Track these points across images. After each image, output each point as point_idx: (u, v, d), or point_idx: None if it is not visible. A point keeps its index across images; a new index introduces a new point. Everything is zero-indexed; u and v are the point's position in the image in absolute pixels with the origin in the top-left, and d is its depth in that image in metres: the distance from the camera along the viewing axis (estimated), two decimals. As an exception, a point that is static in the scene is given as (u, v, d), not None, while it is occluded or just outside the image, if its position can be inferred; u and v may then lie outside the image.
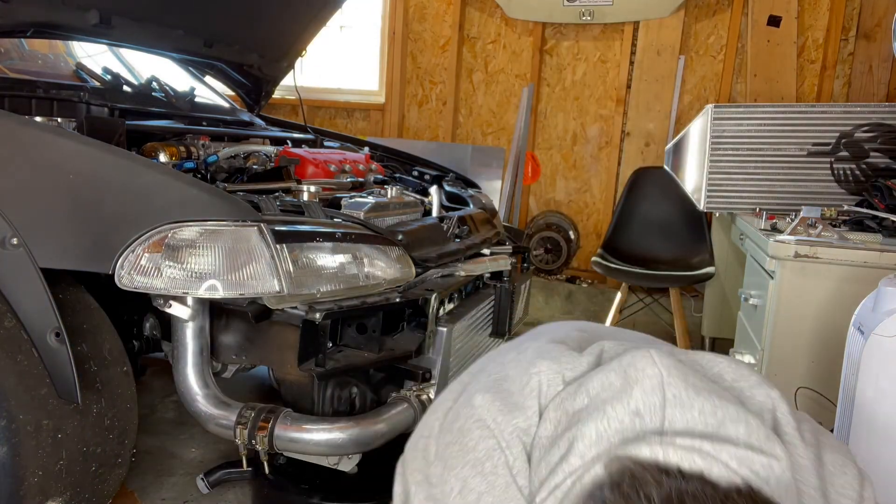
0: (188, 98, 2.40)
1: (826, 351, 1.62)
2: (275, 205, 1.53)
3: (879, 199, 2.03)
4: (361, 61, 4.25)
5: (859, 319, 1.18)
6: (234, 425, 1.44)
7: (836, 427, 1.24)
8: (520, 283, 2.17)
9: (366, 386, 1.68)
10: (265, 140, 2.46)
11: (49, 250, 1.30)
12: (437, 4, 3.99)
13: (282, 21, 2.58)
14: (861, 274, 1.58)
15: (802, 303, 1.65)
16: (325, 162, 2.18)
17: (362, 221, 1.65)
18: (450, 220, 2.04)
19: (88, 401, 1.36)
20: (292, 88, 2.83)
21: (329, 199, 1.88)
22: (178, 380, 1.47)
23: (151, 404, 2.50)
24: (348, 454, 1.56)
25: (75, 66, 2.40)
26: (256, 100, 2.90)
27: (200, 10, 2.25)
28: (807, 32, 3.42)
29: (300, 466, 1.74)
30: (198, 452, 2.17)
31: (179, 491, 1.95)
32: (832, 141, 2.25)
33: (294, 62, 2.83)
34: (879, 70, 3.30)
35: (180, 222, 1.33)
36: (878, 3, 3.27)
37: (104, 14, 1.94)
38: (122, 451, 1.47)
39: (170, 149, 1.91)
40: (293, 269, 1.39)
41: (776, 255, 1.65)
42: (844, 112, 2.26)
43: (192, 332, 1.44)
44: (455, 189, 2.60)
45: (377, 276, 1.56)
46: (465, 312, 1.79)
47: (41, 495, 1.29)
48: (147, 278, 1.31)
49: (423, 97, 4.12)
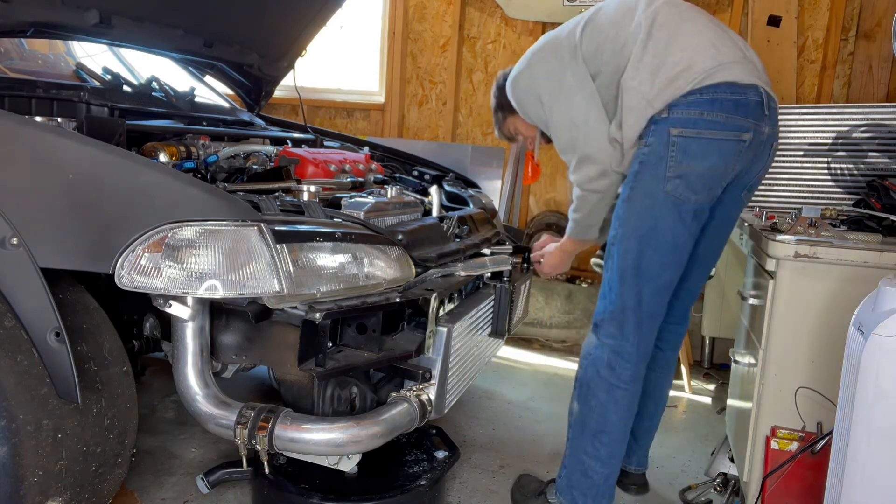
0: (188, 98, 2.40)
1: (826, 351, 1.62)
2: (275, 205, 1.53)
3: (876, 199, 2.03)
4: (361, 61, 4.25)
5: (859, 319, 1.18)
6: (234, 425, 1.44)
7: (836, 427, 1.24)
8: (520, 283, 2.17)
9: (366, 386, 1.68)
10: (265, 140, 2.46)
11: (49, 250, 1.30)
12: (437, 4, 3.98)
13: (282, 21, 2.58)
14: (861, 274, 1.58)
15: (802, 303, 1.65)
16: (325, 162, 2.18)
17: (362, 221, 1.65)
18: (450, 220, 2.04)
19: (88, 401, 1.36)
20: (292, 88, 2.83)
21: (329, 199, 1.89)
22: (178, 380, 1.47)
23: (151, 404, 2.50)
24: (348, 454, 1.56)
25: (75, 66, 2.40)
26: (256, 100, 2.90)
27: (200, 10, 2.25)
28: (807, 32, 3.42)
29: (300, 466, 1.75)
30: (198, 452, 2.17)
31: (179, 491, 1.95)
32: (830, 141, 2.26)
33: (294, 62, 2.83)
34: (879, 70, 3.30)
35: (180, 222, 1.33)
36: (878, 3, 3.27)
37: (104, 14, 1.94)
38: (122, 450, 1.47)
39: (170, 149, 1.91)
40: (293, 269, 1.39)
41: (776, 255, 1.66)
42: (843, 112, 2.26)
43: (192, 332, 1.44)
44: (455, 189, 2.60)
45: (377, 276, 1.56)
46: (465, 312, 1.79)
47: (41, 495, 1.29)
48: (147, 278, 1.31)
49: (423, 97, 4.12)
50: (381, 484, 1.77)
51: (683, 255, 1.68)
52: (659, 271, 1.66)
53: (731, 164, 1.61)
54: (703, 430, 2.61)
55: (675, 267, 1.68)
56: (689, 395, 2.97)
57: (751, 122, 1.60)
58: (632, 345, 1.69)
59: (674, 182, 1.59)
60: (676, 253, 1.66)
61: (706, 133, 1.58)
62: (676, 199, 1.60)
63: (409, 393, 1.59)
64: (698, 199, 1.61)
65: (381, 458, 1.84)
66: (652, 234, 1.64)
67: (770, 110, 1.64)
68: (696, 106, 1.58)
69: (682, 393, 2.98)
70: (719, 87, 1.58)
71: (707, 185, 1.61)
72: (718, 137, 1.58)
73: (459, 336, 1.73)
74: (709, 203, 1.64)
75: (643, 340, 1.70)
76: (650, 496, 2.08)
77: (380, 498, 1.70)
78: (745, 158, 1.63)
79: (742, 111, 1.59)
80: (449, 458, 1.93)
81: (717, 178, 1.62)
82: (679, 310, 1.90)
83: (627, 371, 1.69)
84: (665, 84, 1.60)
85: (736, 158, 1.61)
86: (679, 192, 1.60)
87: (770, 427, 1.71)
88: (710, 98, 1.58)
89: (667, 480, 2.19)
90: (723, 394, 2.88)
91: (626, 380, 1.69)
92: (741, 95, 1.59)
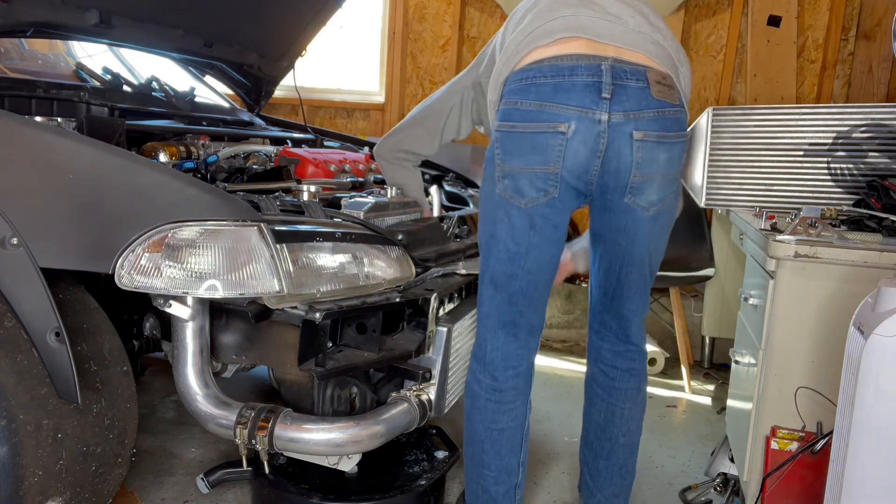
0: (188, 98, 2.40)
1: (826, 351, 1.62)
2: (275, 205, 1.53)
3: (876, 199, 2.03)
4: (361, 61, 4.24)
5: (859, 319, 1.18)
6: (234, 425, 1.44)
7: (836, 427, 1.24)
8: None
9: (366, 386, 1.68)
10: (265, 140, 2.46)
11: (49, 250, 1.30)
12: (437, 4, 3.98)
13: (282, 21, 2.58)
14: (861, 274, 1.58)
15: (802, 303, 1.65)
16: (325, 162, 2.18)
17: (362, 221, 1.65)
18: (450, 220, 2.04)
19: (88, 400, 1.36)
20: (292, 88, 2.83)
21: (329, 199, 1.89)
22: (178, 379, 1.47)
23: (151, 404, 2.50)
24: (348, 454, 1.56)
25: (75, 66, 2.40)
26: (256, 100, 2.90)
27: (200, 10, 2.25)
28: (807, 32, 3.42)
29: (300, 466, 1.75)
30: (198, 452, 2.17)
31: (179, 491, 1.95)
32: (830, 141, 2.25)
33: (294, 62, 2.83)
34: (879, 70, 3.30)
35: (180, 222, 1.33)
36: (878, 3, 3.27)
37: (104, 14, 1.94)
38: (122, 450, 1.47)
39: (170, 149, 1.91)
40: (293, 268, 1.39)
41: (776, 255, 1.66)
42: (843, 112, 2.26)
43: (192, 332, 1.44)
44: (455, 189, 2.60)
45: (377, 276, 1.56)
46: (465, 312, 1.79)
47: (41, 495, 1.29)
48: (147, 278, 1.31)
49: (423, 97, 4.12)
50: (381, 484, 1.77)
51: (534, 263, 1.48)
52: (507, 280, 1.50)
53: (555, 161, 1.37)
54: (703, 430, 2.61)
55: (524, 276, 1.49)
56: (689, 395, 2.97)
57: (574, 110, 1.33)
58: (483, 351, 1.58)
59: (503, 182, 1.43)
60: (521, 261, 1.47)
61: (519, 126, 1.38)
62: (507, 200, 1.43)
63: (409, 393, 1.60)
64: (528, 201, 1.42)
65: (381, 458, 1.84)
66: (493, 242, 1.49)
67: (622, 91, 1.34)
68: (511, 95, 1.39)
69: (682, 393, 2.98)
70: (540, 68, 1.36)
71: (535, 186, 1.40)
72: (531, 131, 1.37)
73: (459, 336, 1.73)
74: (550, 207, 1.43)
75: (495, 349, 1.57)
76: (650, 496, 2.08)
77: (380, 498, 1.70)
78: (577, 153, 1.37)
79: (561, 97, 1.34)
80: (449, 458, 1.93)
81: (544, 179, 1.40)
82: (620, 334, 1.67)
83: (484, 378, 1.58)
84: (503, 62, 1.44)
85: (558, 154, 1.37)
86: (508, 193, 1.42)
87: (770, 427, 1.71)
88: (525, 84, 1.36)
89: (667, 480, 2.19)
90: (723, 394, 2.88)
91: (486, 387, 1.58)
92: (564, 77, 1.34)
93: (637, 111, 1.36)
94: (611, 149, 1.38)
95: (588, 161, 1.39)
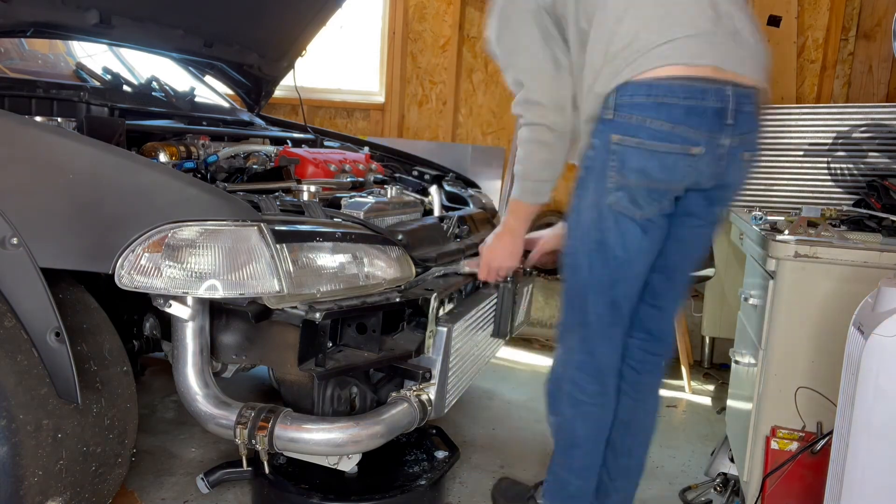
0: (188, 98, 2.40)
1: (826, 351, 1.62)
2: (275, 205, 1.53)
3: (876, 199, 2.03)
4: (361, 61, 4.24)
5: (859, 319, 1.18)
6: (234, 425, 1.44)
7: (836, 427, 1.24)
8: (522, 284, 2.17)
9: (366, 386, 1.68)
10: (265, 140, 2.46)
11: (49, 250, 1.30)
12: (437, 4, 3.98)
13: (282, 21, 2.58)
14: (861, 274, 1.58)
15: (802, 303, 1.65)
16: (325, 162, 2.18)
17: (362, 221, 1.65)
18: (450, 220, 2.04)
19: (88, 400, 1.36)
20: (292, 88, 2.83)
21: (329, 199, 1.88)
22: (178, 379, 1.47)
23: (151, 404, 2.50)
24: (348, 454, 1.56)
25: (75, 66, 2.40)
26: (256, 100, 2.90)
27: (200, 10, 2.25)
28: (807, 32, 3.42)
29: (300, 466, 1.75)
30: (198, 452, 2.17)
31: (179, 491, 1.95)
32: (830, 141, 2.26)
33: (294, 62, 2.83)
34: (879, 70, 3.30)
35: (180, 222, 1.33)
36: (878, 3, 3.27)
37: (104, 14, 1.94)
38: (122, 450, 1.47)
39: (170, 149, 1.91)
40: (293, 268, 1.39)
41: (776, 255, 1.66)
42: (843, 112, 2.26)
43: (192, 332, 1.44)
44: (455, 189, 2.60)
45: (377, 276, 1.56)
46: (465, 312, 1.79)
47: (41, 495, 1.29)
48: (147, 278, 1.31)
49: (423, 97, 4.12)
50: (381, 484, 1.77)
51: (639, 268, 1.52)
52: (611, 286, 1.51)
53: (679, 179, 1.42)
54: (703, 430, 2.61)
55: (629, 280, 1.52)
56: (689, 395, 2.97)
57: (703, 135, 1.37)
58: (592, 359, 1.58)
59: (616, 195, 1.42)
60: (629, 267, 1.50)
61: (647, 144, 1.37)
62: (620, 213, 1.43)
63: (409, 393, 1.60)
64: (644, 213, 1.43)
65: (381, 458, 1.84)
66: (601, 249, 1.48)
67: (741, 116, 1.40)
68: (639, 110, 1.37)
69: (682, 393, 2.98)
70: (671, 87, 1.35)
71: (654, 199, 1.43)
72: (661, 150, 1.37)
73: (459, 336, 1.73)
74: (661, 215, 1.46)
75: (604, 354, 1.58)
76: (650, 496, 2.08)
77: (380, 498, 1.70)
78: (700, 173, 1.42)
79: (694, 121, 1.36)
80: (449, 458, 1.93)
81: (663, 194, 1.43)
82: (655, 330, 1.68)
83: (591, 385, 1.58)
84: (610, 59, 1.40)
85: (684, 174, 1.41)
86: (622, 205, 1.42)
87: (770, 427, 1.71)
88: (657, 102, 1.36)
89: (667, 480, 2.19)
90: (723, 394, 2.88)
91: (591, 393, 1.58)
92: (697, 101, 1.35)
93: (747, 134, 1.44)
94: (728, 168, 1.45)
95: (707, 181, 1.45)
